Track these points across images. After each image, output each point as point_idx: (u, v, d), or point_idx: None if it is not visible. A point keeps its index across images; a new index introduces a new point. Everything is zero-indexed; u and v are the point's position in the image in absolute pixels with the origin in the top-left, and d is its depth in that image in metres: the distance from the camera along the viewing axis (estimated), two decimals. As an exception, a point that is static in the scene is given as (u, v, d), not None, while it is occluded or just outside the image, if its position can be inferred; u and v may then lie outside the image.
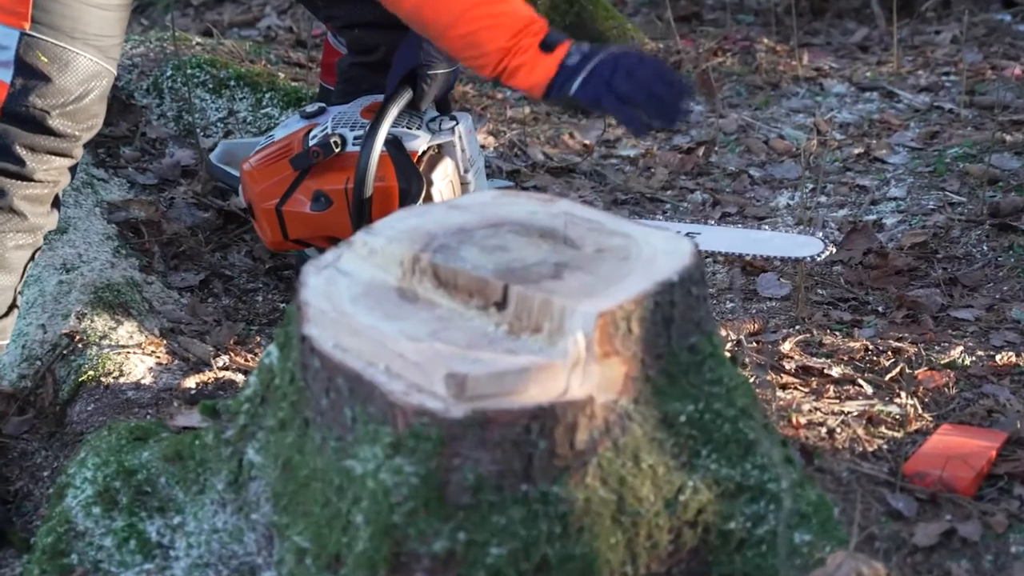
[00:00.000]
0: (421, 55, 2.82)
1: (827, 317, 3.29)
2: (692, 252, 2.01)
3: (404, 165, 2.82)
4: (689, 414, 1.95)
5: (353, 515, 1.82)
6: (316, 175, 2.84)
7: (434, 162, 2.94)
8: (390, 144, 2.83)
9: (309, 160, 2.83)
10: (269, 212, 2.88)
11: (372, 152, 2.76)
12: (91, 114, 2.55)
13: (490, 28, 2.30)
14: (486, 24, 2.30)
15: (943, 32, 6.39)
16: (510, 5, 2.30)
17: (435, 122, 2.95)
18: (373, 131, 2.77)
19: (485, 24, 2.29)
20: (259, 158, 2.96)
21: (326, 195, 2.81)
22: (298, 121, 3.03)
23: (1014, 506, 2.37)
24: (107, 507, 2.16)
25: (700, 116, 5.16)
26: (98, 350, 2.90)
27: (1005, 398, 2.78)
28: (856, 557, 1.87)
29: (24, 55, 2.43)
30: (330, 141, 2.82)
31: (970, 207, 3.99)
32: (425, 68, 2.83)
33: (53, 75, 2.44)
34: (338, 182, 2.81)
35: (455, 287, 1.98)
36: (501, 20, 2.28)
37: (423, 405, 1.77)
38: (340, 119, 2.94)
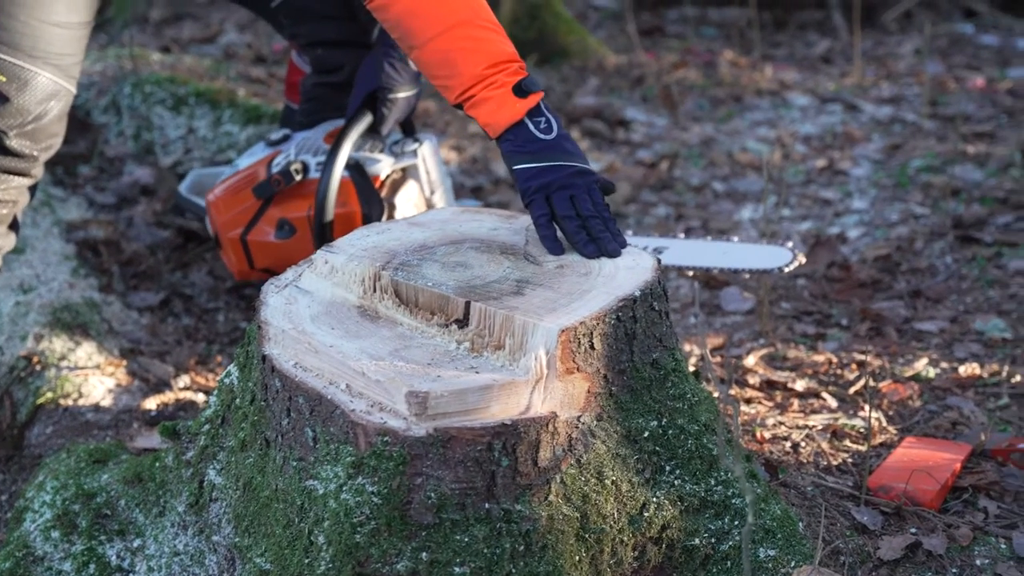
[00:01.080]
0: (382, 77, 2.83)
1: (791, 331, 3.31)
2: (654, 267, 2.03)
3: (366, 190, 2.82)
4: (652, 430, 1.95)
5: (315, 536, 1.82)
6: (280, 203, 2.84)
7: (397, 186, 2.93)
8: (352, 169, 2.82)
9: (271, 189, 2.83)
10: (234, 242, 2.88)
11: (331, 178, 2.76)
12: (50, 133, 2.54)
13: (470, 51, 2.26)
14: (468, 47, 2.26)
15: (905, 43, 6.44)
16: (496, 36, 2.27)
17: (398, 145, 2.95)
18: (332, 157, 2.77)
19: (467, 46, 2.26)
20: (223, 188, 2.96)
21: (290, 223, 2.81)
22: (263, 149, 3.03)
23: (979, 519, 2.38)
24: (66, 531, 2.15)
25: (663, 130, 5.19)
26: (56, 372, 2.88)
27: (969, 410, 2.79)
28: (821, 572, 1.88)
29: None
30: (291, 169, 2.82)
31: (933, 219, 4.01)
32: (386, 91, 2.82)
33: (12, 95, 2.42)
34: (301, 209, 2.81)
35: (416, 305, 1.98)
36: (483, 47, 2.25)
37: (385, 424, 1.78)
38: (303, 145, 2.93)
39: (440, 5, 2.24)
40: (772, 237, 3.91)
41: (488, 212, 2.31)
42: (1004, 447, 2.57)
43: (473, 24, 2.24)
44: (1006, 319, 3.28)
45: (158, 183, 3.89)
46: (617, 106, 5.40)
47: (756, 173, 4.60)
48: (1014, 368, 2.99)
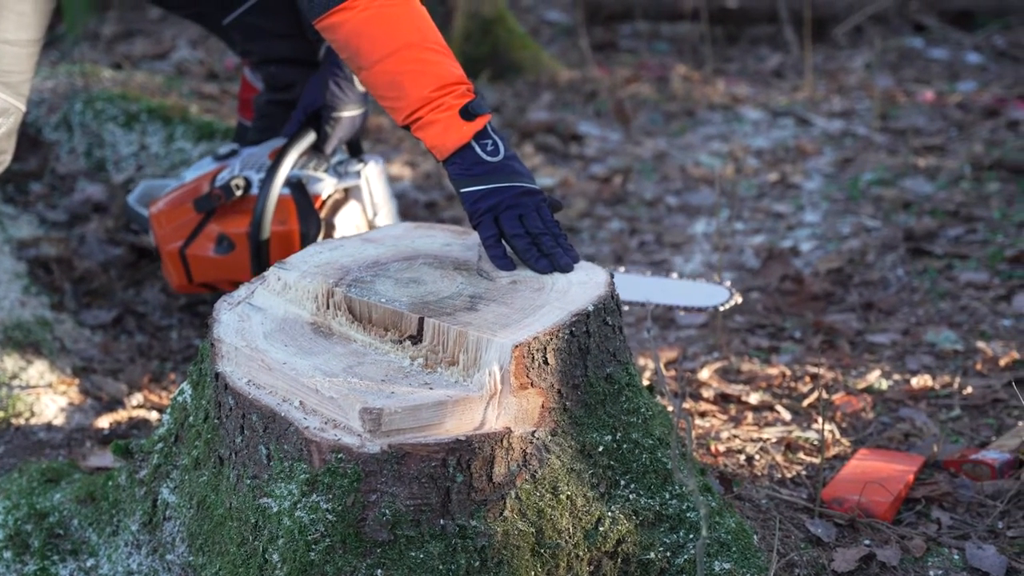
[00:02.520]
0: (327, 96, 2.84)
1: (745, 344, 3.32)
2: (607, 282, 2.03)
3: (305, 208, 2.80)
4: (607, 444, 1.95)
5: (270, 554, 1.81)
6: (220, 218, 2.82)
7: (338, 206, 2.90)
8: (293, 187, 2.80)
9: (212, 203, 2.81)
10: (173, 255, 2.86)
11: (269, 195, 2.75)
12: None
13: (418, 74, 2.27)
14: (415, 69, 2.26)
15: (856, 57, 6.48)
16: (444, 59, 2.28)
17: (343, 165, 2.93)
18: (271, 174, 2.75)
19: (414, 68, 2.26)
20: (165, 201, 2.94)
21: (229, 239, 2.79)
22: (209, 163, 3.01)
23: (932, 530, 2.39)
24: (18, 551, 2.14)
25: (617, 144, 5.20)
26: (8, 391, 2.86)
27: (922, 421, 2.81)
28: (775, 584, 1.88)
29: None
30: (231, 184, 2.80)
31: (885, 232, 4.03)
32: (330, 110, 2.83)
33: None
34: (241, 225, 2.79)
35: (370, 321, 1.98)
36: (431, 69, 2.26)
37: (339, 441, 1.77)
38: (248, 162, 2.91)
39: (388, 27, 2.25)
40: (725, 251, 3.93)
41: (441, 228, 2.32)
42: (956, 458, 2.59)
43: (421, 47, 2.25)
44: (957, 331, 3.30)
45: (110, 200, 3.87)
46: (570, 121, 5.42)
47: (709, 187, 4.62)
48: (965, 380, 3.01)
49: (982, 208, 4.13)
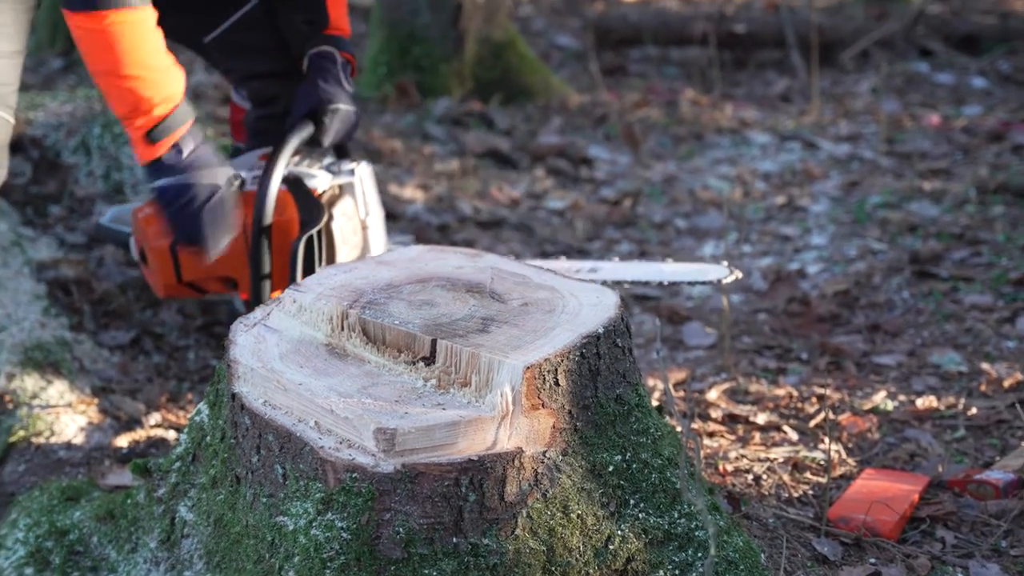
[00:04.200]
0: (320, 93, 2.81)
1: (752, 365, 3.32)
2: (617, 304, 2.04)
3: (304, 198, 2.77)
4: (617, 464, 1.96)
5: (286, 571, 1.82)
6: None
7: (334, 200, 2.89)
8: (290, 182, 2.78)
9: None
10: (163, 251, 2.79)
11: (272, 178, 2.72)
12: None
13: (113, 98, 2.45)
14: (112, 93, 2.44)
15: (862, 82, 6.48)
16: (138, 84, 2.42)
17: (335, 165, 2.92)
18: (271, 163, 2.73)
19: (111, 93, 2.44)
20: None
21: None
22: None
23: (936, 548, 2.39)
24: (39, 568, 2.15)
25: (626, 167, 5.21)
26: (28, 410, 2.87)
27: (927, 442, 2.81)
28: (782, 602, 1.89)
29: None
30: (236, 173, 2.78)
31: (890, 254, 4.04)
32: (326, 103, 2.81)
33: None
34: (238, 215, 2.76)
35: (384, 343, 1.99)
36: (123, 96, 2.43)
37: (353, 460, 1.78)
38: (238, 164, 2.89)
39: (90, 52, 2.43)
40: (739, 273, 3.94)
41: (453, 251, 2.33)
42: (961, 478, 2.59)
43: (116, 75, 2.41)
44: (962, 352, 3.31)
45: (128, 223, 3.89)
46: (580, 144, 5.43)
47: (717, 210, 4.63)
48: (970, 401, 3.01)
49: (987, 231, 4.14)
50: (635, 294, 3.87)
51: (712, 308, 3.74)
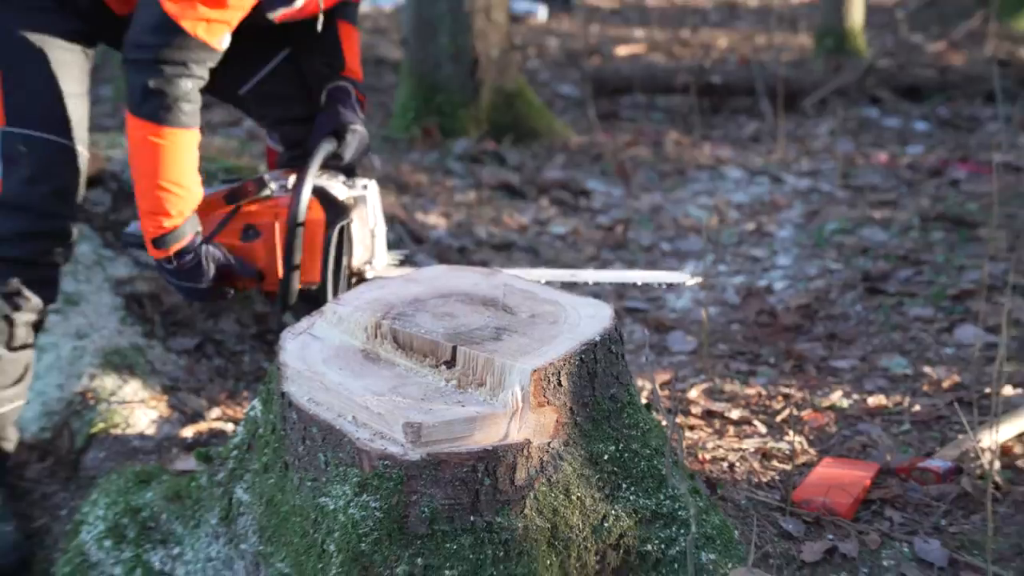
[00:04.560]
0: (339, 118, 2.77)
1: (727, 368, 3.31)
2: (611, 316, 2.04)
3: (329, 202, 2.72)
4: (611, 453, 1.96)
5: (327, 545, 1.82)
6: (246, 213, 2.72)
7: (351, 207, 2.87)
8: (316, 190, 2.74)
9: (244, 195, 2.71)
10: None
11: (305, 184, 2.67)
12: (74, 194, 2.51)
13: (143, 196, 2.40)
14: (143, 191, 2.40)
15: (821, 125, 6.49)
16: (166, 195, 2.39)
17: (349, 181, 2.88)
18: (304, 169, 2.68)
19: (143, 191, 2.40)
20: None
21: (255, 227, 2.67)
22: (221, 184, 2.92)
23: (885, 526, 2.38)
24: (116, 540, 2.15)
25: (619, 199, 5.21)
26: (107, 406, 2.87)
27: (877, 435, 2.80)
28: (753, 572, 1.88)
29: (5, 148, 2.40)
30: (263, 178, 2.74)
31: (845, 273, 4.03)
32: (346, 125, 2.77)
33: (37, 160, 2.41)
34: (267, 217, 2.71)
35: (411, 349, 1.99)
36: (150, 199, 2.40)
37: (385, 450, 1.78)
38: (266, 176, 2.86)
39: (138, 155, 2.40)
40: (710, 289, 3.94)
41: (471, 270, 2.33)
42: (906, 466, 2.58)
43: (153, 181, 2.39)
44: (907, 357, 3.30)
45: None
46: (580, 178, 5.43)
47: (697, 235, 4.62)
48: (914, 399, 3.00)
49: (928, 254, 4.13)
50: (627, 307, 3.87)
51: (692, 319, 3.74)
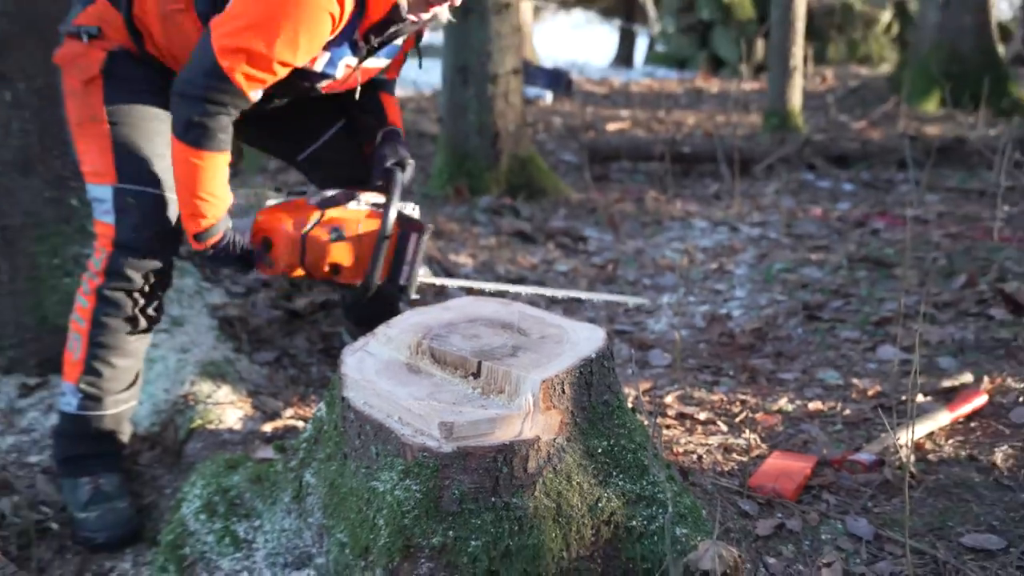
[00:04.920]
0: (401, 151, 2.71)
1: (696, 379, 3.30)
2: (604, 337, 2.03)
3: (407, 219, 2.66)
4: (604, 448, 1.94)
5: (377, 519, 1.80)
6: (332, 217, 2.62)
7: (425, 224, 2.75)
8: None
9: (334, 203, 2.64)
10: (295, 239, 2.58)
11: (393, 204, 2.61)
12: (174, 236, 2.50)
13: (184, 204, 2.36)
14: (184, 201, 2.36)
15: (769, 186, 6.48)
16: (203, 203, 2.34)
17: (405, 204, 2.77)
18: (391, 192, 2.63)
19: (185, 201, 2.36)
20: (277, 204, 2.69)
21: (340, 230, 2.61)
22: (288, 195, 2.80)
23: (823, 507, 2.37)
24: (209, 514, 2.14)
25: (609, 243, 5.20)
26: (204, 406, 2.87)
27: (815, 433, 2.78)
28: (717, 544, 1.86)
29: (117, 201, 2.40)
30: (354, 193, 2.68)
31: (789, 304, 4.02)
32: (406, 158, 2.72)
33: (143, 209, 2.41)
34: (353, 223, 2.63)
35: (445, 363, 1.98)
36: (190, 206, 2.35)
37: (424, 444, 1.77)
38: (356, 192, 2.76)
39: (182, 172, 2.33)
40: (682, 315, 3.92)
41: (493, 301, 2.31)
42: (839, 458, 2.56)
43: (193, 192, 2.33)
44: (839, 371, 3.28)
45: (272, 279, 3.89)
46: (578, 227, 5.43)
47: (671, 272, 4.61)
48: (845, 405, 2.98)
49: (854, 288, 4.11)
50: (616, 329, 3.85)
51: (668, 339, 3.72)
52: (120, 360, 2.48)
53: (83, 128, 2.42)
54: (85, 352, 2.46)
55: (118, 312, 2.44)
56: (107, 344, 2.46)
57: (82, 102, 2.41)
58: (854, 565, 2.14)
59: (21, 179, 3.13)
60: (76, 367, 2.47)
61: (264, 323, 3.59)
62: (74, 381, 2.48)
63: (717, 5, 13.55)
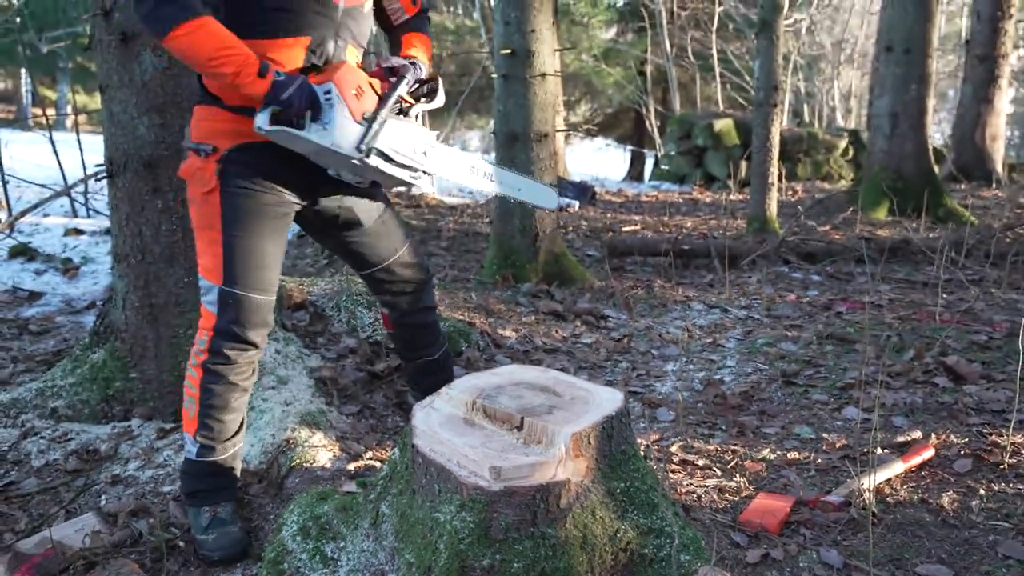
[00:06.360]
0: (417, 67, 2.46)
1: (695, 432, 3.24)
2: (622, 399, 2.00)
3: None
4: (622, 488, 1.91)
5: (438, 544, 1.78)
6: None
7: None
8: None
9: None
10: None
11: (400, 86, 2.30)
12: (262, 326, 2.41)
13: (215, 78, 2.14)
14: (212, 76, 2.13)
15: (752, 277, 6.43)
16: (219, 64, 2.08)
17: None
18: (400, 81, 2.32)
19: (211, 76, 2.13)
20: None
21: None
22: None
23: (800, 540, 2.30)
24: (304, 536, 2.12)
25: (625, 321, 5.17)
26: (302, 448, 2.86)
27: (793, 478, 2.72)
28: (715, 569, 1.81)
29: (220, 298, 2.36)
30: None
31: (770, 372, 3.95)
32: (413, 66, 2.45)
33: (240, 309, 2.36)
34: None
35: (495, 418, 1.96)
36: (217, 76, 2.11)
37: (477, 483, 1.75)
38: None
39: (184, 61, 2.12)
40: (683, 380, 3.87)
41: (533, 368, 2.30)
42: (813, 499, 2.50)
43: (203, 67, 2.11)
44: (812, 427, 3.21)
45: (358, 347, 3.90)
46: (600, 308, 5.40)
47: (675, 345, 4.57)
48: (817, 455, 2.92)
49: (823, 360, 4.04)
50: (630, 390, 3.81)
51: (672, 400, 3.67)
52: (226, 416, 2.48)
53: (202, 232, 2.38)
54: (198, 412, 2.45)
55: (221, 380, 2.42)
56: (215, 405, 2.45)
57: (202, 211, 2.36)
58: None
59: (167, 268, 3.19)
60: (192, 423, 2.47)
61: (350, 382, 3.59)
62: (192, 433, 2.48)
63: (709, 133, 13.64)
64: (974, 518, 2.40)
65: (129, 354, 3.26)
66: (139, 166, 3.14)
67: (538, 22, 5.55)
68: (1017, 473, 2.66)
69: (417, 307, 2.78)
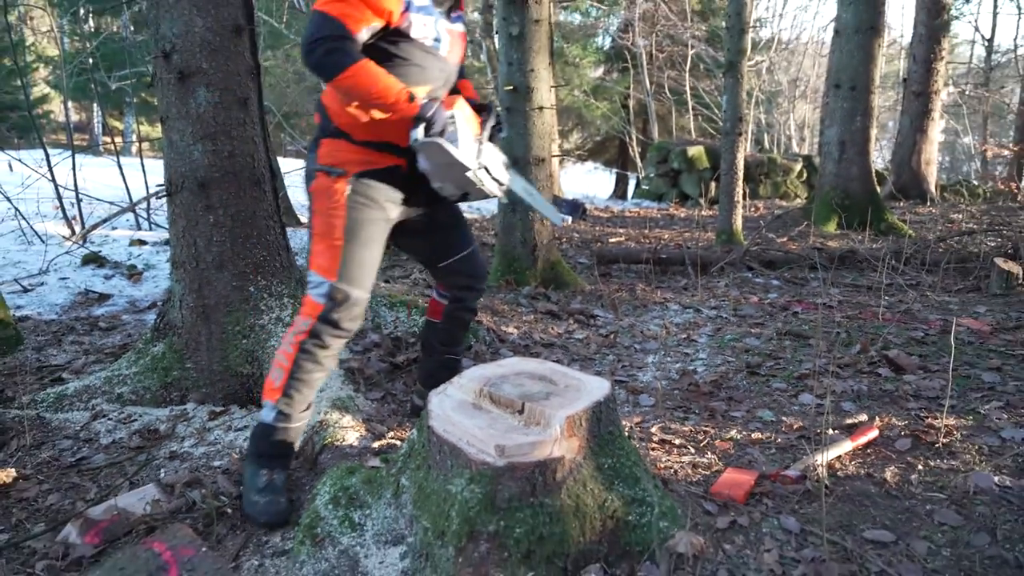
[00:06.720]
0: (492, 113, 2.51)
1: (672, 415, 3.23)
2: (610, 386, 1.99)
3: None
4: (610, 464, 1.90)
5: (451, 512, 1.77)
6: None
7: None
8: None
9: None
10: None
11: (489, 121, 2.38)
12: (358, 318, 2.46)
13: (385, 96, 2.14)
14: (382, 94, 2.14)
15: (721, 281, 6.41)
16: (380, 102, 2.13)
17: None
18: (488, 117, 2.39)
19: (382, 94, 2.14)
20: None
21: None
22: None
23: (763, 508, 2.28)
24: (335, 505, 2.11)
25: (611, 320, 5.16)
26: (333, 429, 2.85)
27: (757, 455, 2.70)
28: (689, 534, 1.80)
29: (330, 292, 2.38)
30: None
31: (736, 363, 3.94)
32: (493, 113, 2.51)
33: (346, 302, 2.38)
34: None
35: (500, 403, 1.95)
36: (381, 111, 2.18)
37: (484, 459, 1.74)
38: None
39: (350, 99, 2.16)
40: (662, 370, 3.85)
41: (532, 360, 2.29)
42: (774, 474, 2.48)
43: (367, 104, 2.16)
44: (772, 411, 3.19)
45: (382, 341, 3.89)
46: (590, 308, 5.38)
47: (654, 340, 4.55)
48: (777, 435, 2.90)
49: (783, 353, 4.02)
50: (616, 379, 3.80)
51: (652, 387, 3.66)
52: (306, 390, 2.48)
53: (322, 238, 2.38)
54: (284, 382, 2.45)
55: (312, 359, 2.44)
56: (300, 379, 2.45)
57: (326, 222, 2.37)
58: (787, 551, 2.06)
59: (217, 273, 3.19)
60: (277, 391, 2.46)
61: (375, 372, 3.58)
62: (274, 400, 2.47)
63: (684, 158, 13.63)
64: (913, 490, 2.38)
65: (185, 347, 3.27)
66: (194, 186, 3.15)
67: (536, 63, 5.56)
68: (950, 451, 2.65)
69: (471, 306, 2.81)
